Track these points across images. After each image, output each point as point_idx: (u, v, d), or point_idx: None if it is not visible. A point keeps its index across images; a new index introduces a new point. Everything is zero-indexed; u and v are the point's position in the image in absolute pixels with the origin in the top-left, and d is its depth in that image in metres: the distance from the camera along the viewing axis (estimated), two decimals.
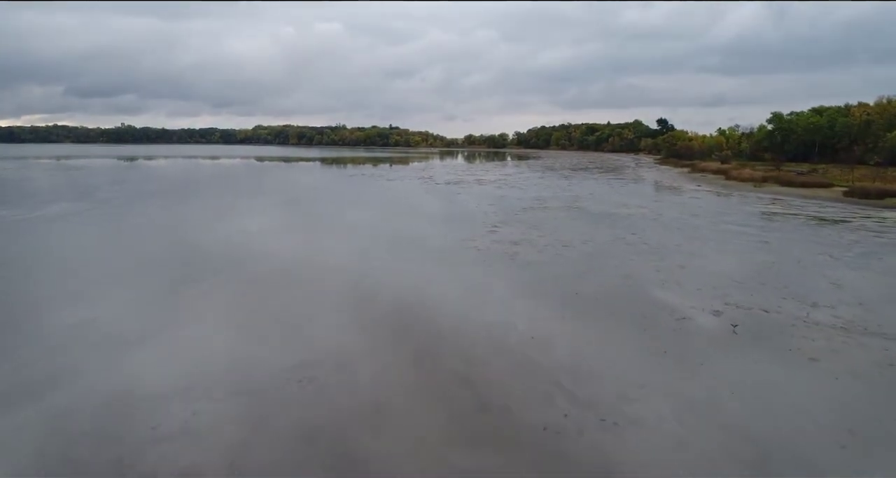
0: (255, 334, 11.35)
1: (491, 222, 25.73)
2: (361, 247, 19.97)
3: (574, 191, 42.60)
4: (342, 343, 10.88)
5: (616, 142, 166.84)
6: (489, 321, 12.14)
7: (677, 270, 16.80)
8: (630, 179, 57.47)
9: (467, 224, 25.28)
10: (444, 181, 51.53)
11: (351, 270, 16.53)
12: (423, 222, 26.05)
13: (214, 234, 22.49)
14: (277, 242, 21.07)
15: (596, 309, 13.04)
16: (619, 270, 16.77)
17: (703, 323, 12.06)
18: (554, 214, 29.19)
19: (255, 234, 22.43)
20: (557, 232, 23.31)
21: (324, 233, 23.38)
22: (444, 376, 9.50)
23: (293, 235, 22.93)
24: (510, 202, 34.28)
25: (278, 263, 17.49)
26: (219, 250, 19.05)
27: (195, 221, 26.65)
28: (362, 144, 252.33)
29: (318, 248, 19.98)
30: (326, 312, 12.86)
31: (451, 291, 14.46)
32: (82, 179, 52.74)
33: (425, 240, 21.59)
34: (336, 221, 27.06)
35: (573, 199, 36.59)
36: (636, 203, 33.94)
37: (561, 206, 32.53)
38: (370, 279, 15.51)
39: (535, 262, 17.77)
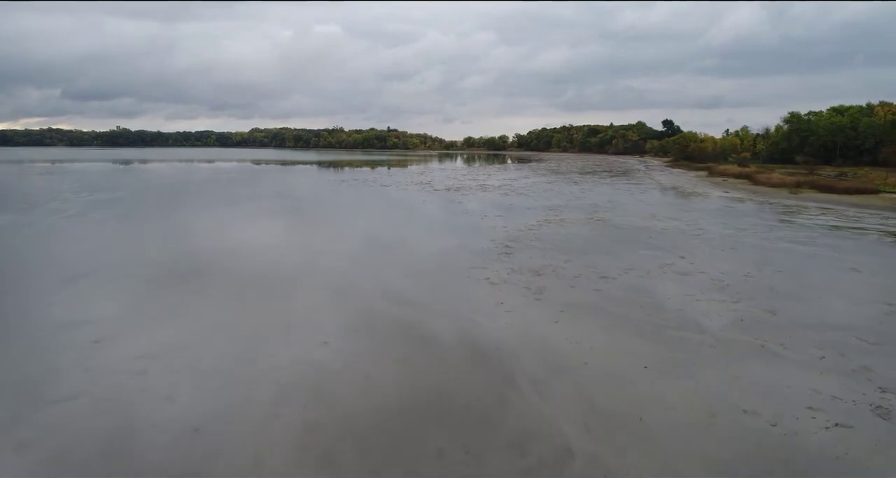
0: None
1: (502, 241, 21.15)
2: (337, 287, 15.37)
3: (589, 198, 38.05)
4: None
5: (620, 144, 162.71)
6: (530, 430, 7.54)
7: (767, 319, 12.21)
8: (646, 183, 52.94)
9: (474, 244, 20.69)
10: (443, 187, 46.95)
11: (314, 336, 11.94)
12: (420, 243, 21.46)
13: (163, 255, 17.92)
14: (234, 283, 16.47)
15: (686, 399, 8.45)
16: (687, 318, 12.19)
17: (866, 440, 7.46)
18: (574, 229, 24.61)
19: (210, 257, 17.86)
20: (586, 255, 18.74)
21: (291, 270, 18.75)
22: None
23: (252, 276, 18.32)
24: (520, 213, 29.71)
25: (220, 329, 12.90)
26: (161, 272, 14.53)
27: (146, 240, 22.02)
28: (360, 147, 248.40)
29: (275, 299, 15.38)
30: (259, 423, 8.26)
31: (461, 372, 9.87)
32: (47, 186, 48.09)
33: (423, 268, 17.00)
34: (313, 245, 22.46)
35: (591, 208, 32.02)
36: (666, 214, 29.37)
37: (580, 218, 27.95)
38: (336, 361, 10.88)
39: (572, 304, 13.18)
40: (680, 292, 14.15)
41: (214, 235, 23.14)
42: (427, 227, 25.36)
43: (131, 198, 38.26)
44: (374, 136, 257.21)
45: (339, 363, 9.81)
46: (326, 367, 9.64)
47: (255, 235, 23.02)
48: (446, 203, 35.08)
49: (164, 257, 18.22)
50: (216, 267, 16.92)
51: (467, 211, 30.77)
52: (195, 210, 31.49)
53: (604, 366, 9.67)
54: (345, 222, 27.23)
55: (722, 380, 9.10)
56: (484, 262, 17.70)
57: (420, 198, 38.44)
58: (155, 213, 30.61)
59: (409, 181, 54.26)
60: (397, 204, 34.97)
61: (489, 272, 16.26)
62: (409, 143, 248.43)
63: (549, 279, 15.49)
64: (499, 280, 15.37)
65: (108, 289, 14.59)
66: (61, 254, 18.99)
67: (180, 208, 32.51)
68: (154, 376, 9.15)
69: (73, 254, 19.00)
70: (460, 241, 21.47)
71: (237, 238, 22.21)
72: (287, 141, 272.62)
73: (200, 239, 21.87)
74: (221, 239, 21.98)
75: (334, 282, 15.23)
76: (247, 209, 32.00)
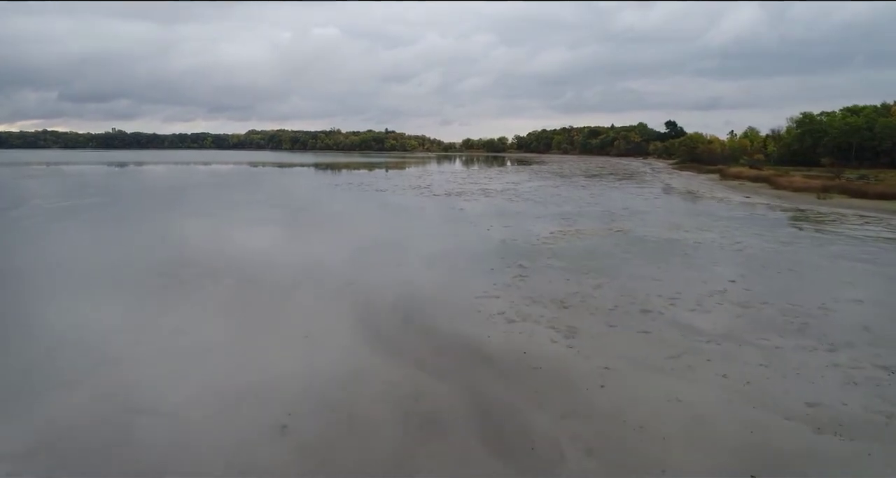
0: None
1: (514, 259, 18.02)
2: (307, 334, 12.25)
3: (602, 204, 34.95)
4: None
5: (622, 145, 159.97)
6: None
7: (885, 379, 9.11)
8: (658, 188, 49.89)
9: (481, 263, 17.56)
10: (443, 192, 43.82)
11: (264, 419, 8.80)
12: (418, 261, 18.32)
13: (127, 268, 14.79)
14: (190, 313, 13.35)
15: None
16: (786, 389, 9.05)
17: None
18: (594, 242, 21.50)
19: (169, 271, 14.73)
20: (616, 278, 15.61)
21: (260, 301, 15.62)
22: None
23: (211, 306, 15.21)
24: (530, 223, 26.59)
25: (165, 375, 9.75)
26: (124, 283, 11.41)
27: (112, 251, 18.85)
28: (357, 149, 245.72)
29: (221, 367, 12.25)
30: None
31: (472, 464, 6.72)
32: (23, 190, 44.94)
33: (422, 295, 13.85)
34: (292, 265, 19.36)
35: (607, 217, 28.91)
36: (692, 224, 26.26)
37: (597, 229, 24.84)
38: (307, 418, 7.76)
39: (619, 357, 10.03)
40: (754, 337, 11.00)
41: (181, 246, 19.98)
42: (426, 240, 22.22)
43: (110, 204, 35.07)
44: (372, 137, 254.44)
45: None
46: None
47: (222, 253, 19.86)
48: (447, 211, 31.95)
49: (128, 271, 15.06)
50: (172, 288, 13.77)
51: (470, 220, 27.64)
52: (168, 218, 28.31)
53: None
54: (332, 235, 24.10)
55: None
56: (495, 287, 14.57)
57: (418, 204, 35.33)
58: (130, 220, 27.44)
59: (407, 185, 51.14)
60: (393, 212, 31.84)
61: (503, 303, 13.12)
62: (406, 145, 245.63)
63: (580, 314, 12.35)
64: (516, 315, 12.22)
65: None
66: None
67: (156, 216, 29.34)
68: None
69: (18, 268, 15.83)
70: (465, 259, 18.33)
71: (202, 254, 19.04)
72: (284, 143, 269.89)
73: (168, 249, 18.72)
74: (184, 252, 18.81)
75: (304, 325, 12.08)
76: (220, 218, 28.85)
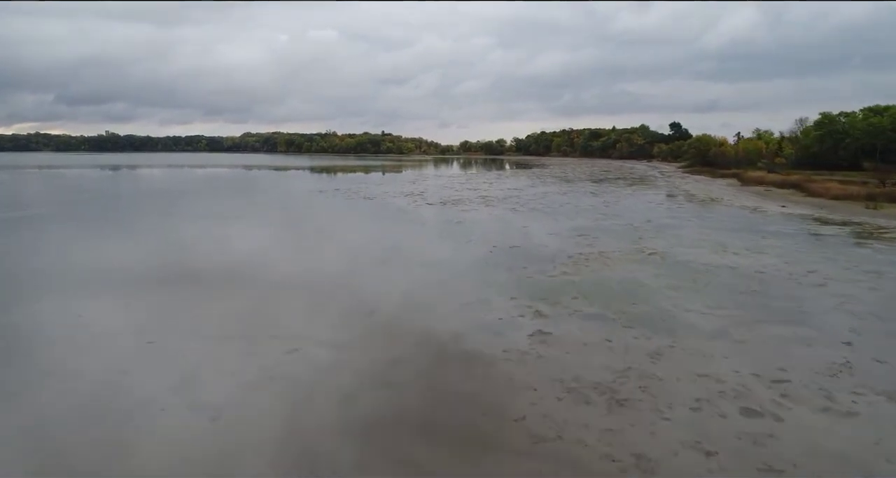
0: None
1: (527, 300, 13.39)
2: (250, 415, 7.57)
3: (620, 215, 30.34)
4: None
5: (624, 148, 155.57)
6: None
7: None
8: (676, 194, 45.30)
9: (481, 308, 12.92)
10: (438, 200, 39.18)
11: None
12: (406, 304, 13.66)
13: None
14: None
15: None
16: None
17: None
18: (628, 272, 16.85)
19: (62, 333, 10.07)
20: (677, 335, 10.97)
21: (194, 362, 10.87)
22: None
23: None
24: (541, 241, 21.97)
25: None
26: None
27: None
28: (353, 152, 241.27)
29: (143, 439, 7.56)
30: None
31: None
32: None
33: (409, 370, 9.21)
34: (238, 313, 14.68)
35: (631, 233, 24.29)
36: (740, 243, 21.62)
37: (625, 251, 20.21)
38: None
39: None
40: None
41: (104, 271, 15.32)
42: (416, 270, 17.54)
43: (57, 215, 30.35)
44: (368, 140, 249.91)
45: None
46: None
47: (135, 277, 15.17)
48: (442, 224, 27.32)
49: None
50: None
51: (469, 237, 23.01)
52: (103, 239, 23.63)
53: None
54: (301, 259, 19.42)
55: None
56: (506, 356, 9.92)
57: (409, 215, 30.68)
58: (54, 240, 22.74)
59: (399, 191, 46.47)
60: (376, 226, 27.16)
61: (523, 400, 8.46)
62: (403, 147, 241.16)
63: (648, 422, 7.70)
64: (547, 429, 7.56)
65: None
66: None
67: (89, 233, 24.64)
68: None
69: None
70: (462, 300, 13.68)
71: (118, 285, 14.36)
72: (279, 145, 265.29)
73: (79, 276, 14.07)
74: (103, 275, 14.17)
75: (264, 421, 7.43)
76: (161, 238, 24.16)
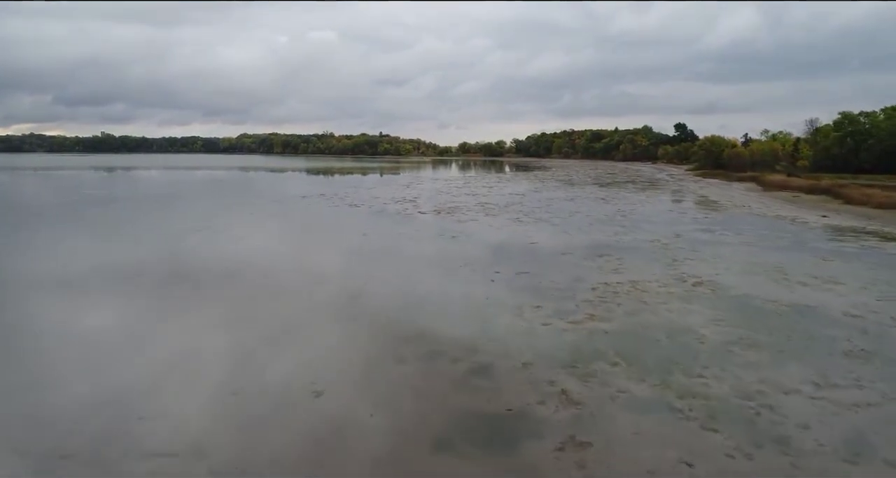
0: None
1: (546, 371, 9.14)
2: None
3: (642, 228, 26.10)
4: None
5: (628, 149, 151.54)
6: None
7: None
8: (697, 201, 41.05)
9: (478, 392, 8.69)
10: (432, 208, 34.94)
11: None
12: (358, 371, 9.39)
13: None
14: None
15: None
16: None
17: None
18: (674, 314, 12.58)
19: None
20: (786, 446, 6.77)
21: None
22: None
23: None
24: (554, 264, 17.72)
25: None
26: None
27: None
28: (350, 153, 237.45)
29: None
30: None
31: None
32: None
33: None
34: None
35: (661, 252, 20.06)
36: (802, 269, 17.33)
37: (661, 279, 15.95)
38: None
39: None
40: None
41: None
42: (384, 317, 13.27)
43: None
44: (365, 141, 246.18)
45: None
46: None
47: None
48: (433, 240, 23.08)
49: None
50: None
51: (466, 260, 18.75)
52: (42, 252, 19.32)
53: None
54: (245, 300, 15.12)
55: None
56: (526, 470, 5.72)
57: (396, 228, 26.42)
58: None
59: (390, 197, 42.19)
60: (353, 245, 22.83)
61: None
62: (401, 149, 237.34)
63: None
64: None
65: None
66: None
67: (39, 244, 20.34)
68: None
69: None
70: (456, 371, 9.44)
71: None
72: (275, 147, 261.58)
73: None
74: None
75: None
76: (79, 264, 19.85)
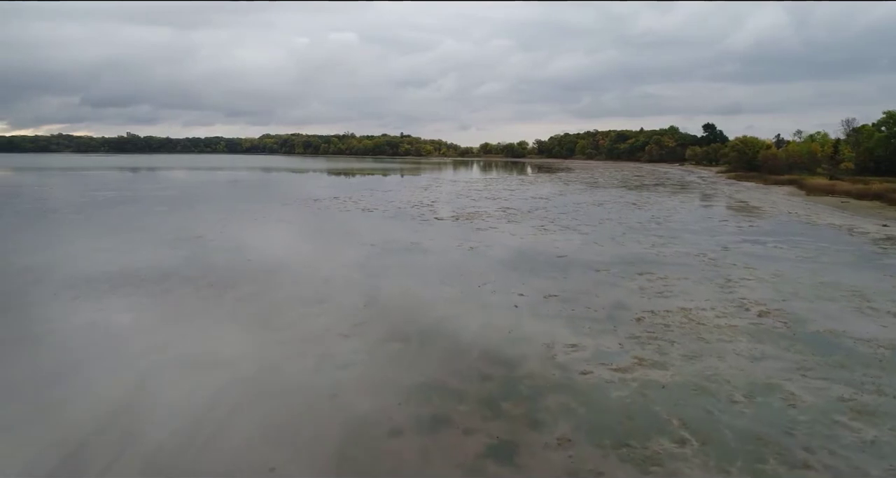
0: None
1: (586, 459, 6.79)
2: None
3: (682, 238, 23.41)
4: None
5: (654, 150, 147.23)
6: None
7: None
8: (736, 206, 38.00)
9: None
10: (450, 213, 32.64)
11: None
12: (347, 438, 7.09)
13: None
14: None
15: None
16: None
17: None
18: (741, 356, 10.06)
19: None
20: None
21: None
22: None
23: None
24: (589, 287, 15.26)
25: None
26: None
27: None
28: (371, 154, 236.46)
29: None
30: None
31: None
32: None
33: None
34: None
35: (712, 271, 17.44)
36: (885, 293, 14.63)
37: (718, 307, 13.39)
38: None
39: None
40: None
41: None
42: (394, 353, 10.99)
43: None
44: (386, 142, 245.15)
45: None
46: None
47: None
48: (450, 253, 20.75)
49: None
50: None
51: (484, 279, 16.39)
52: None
53: None
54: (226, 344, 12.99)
55: None
56: None
57: (408, 239, 24.13)
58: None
59: (406, 201, 40.02)
60: (358, 261, 20.60)
61: None
62: (422, 149, 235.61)
63: None
64: None
65: None
66: None
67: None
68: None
69: None
70: (470, 450, 7.12)
71: None
72: (297, 147, 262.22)
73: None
74: None
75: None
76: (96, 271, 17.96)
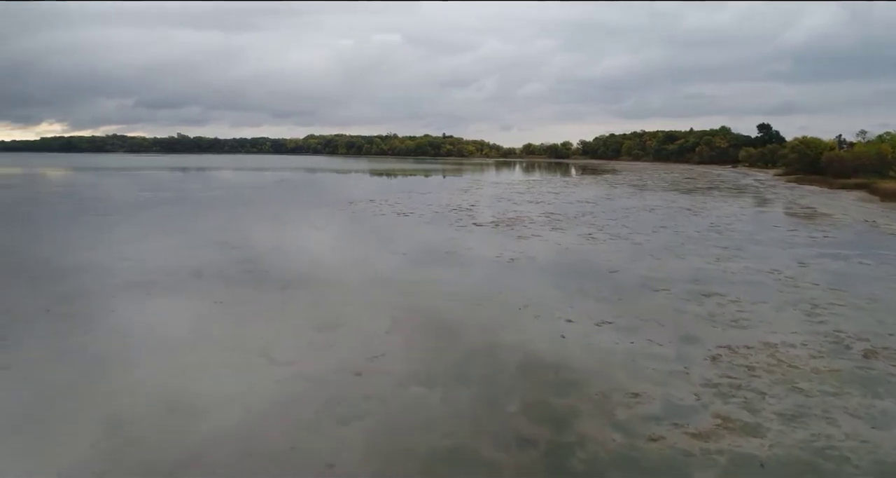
0: None
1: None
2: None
3: (749, 251, 20.89)
4: None
5: (704, 152, 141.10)
6: None
7: None
8: (803, 214, 34.67)
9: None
10: (489, 218, 30.85)
11: None
12: None
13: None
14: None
15: None
16: None
17: None
18: (857, 429, 7.91)
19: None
20: None
21: None
22: None
23: None
24: (648, 314, 13.24)
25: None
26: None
27: None
28: (413, 154, 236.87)
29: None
30: None
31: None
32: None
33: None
34: None
35: (794, 295, 15.04)
36: None
37: (812, 344, 11.13)
38: None
39: None
40: None
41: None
42: (411, 405, 9.36)
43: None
44: (428, 143, 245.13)
45: None
46: None
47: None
48: (488, 267, 18.94)
49: None
50: None
51: (528, 297, 14.55)
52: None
53: None
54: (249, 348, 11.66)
55: None
56: None
57: (443, 248, 22.46)
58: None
59: (444, 204, 38.44)
60: (384, 274, 19.07)
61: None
62: (464, 150, 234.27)
63: None
64: None
65: None
66: None
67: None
68: None
69: None
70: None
71: None
72: (340, 148, 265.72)
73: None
74: None
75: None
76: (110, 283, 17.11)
